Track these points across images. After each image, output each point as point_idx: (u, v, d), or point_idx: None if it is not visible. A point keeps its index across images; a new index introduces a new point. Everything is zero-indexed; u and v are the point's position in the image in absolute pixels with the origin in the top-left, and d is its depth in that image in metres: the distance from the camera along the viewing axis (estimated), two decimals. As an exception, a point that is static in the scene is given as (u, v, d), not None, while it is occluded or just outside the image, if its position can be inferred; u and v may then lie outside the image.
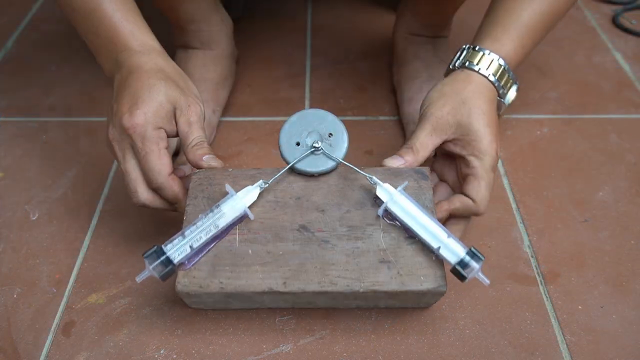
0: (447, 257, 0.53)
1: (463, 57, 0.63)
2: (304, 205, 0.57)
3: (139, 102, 0.57)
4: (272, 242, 0.55)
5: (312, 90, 0.91)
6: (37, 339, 0.59)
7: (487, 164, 0.58)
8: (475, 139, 0.59)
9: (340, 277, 0.53)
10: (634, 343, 0.58)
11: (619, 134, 0.82)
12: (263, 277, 0.53)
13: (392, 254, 0.54)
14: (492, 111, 0.60)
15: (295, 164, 0.58)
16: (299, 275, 0.53)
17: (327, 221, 0.56)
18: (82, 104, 0.89)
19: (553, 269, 0.65)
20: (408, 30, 0.86)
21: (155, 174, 0.56)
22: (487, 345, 0.58)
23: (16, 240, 0.69)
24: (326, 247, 0.55)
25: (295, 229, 0.56)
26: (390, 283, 0.53)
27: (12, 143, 0.82)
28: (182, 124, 0.59)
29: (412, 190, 0.58)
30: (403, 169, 0.59)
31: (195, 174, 0.59)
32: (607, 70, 0.94)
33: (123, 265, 0.66)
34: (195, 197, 0.58)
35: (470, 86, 0.61)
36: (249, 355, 0.57)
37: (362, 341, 0.58)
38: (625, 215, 0.71)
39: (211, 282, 0.53)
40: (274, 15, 1.08)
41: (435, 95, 0.61)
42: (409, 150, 0.59)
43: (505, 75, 0.62)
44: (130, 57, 0.60)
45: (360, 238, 0.55)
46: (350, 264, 0.54)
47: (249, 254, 0.54)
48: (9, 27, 1.05)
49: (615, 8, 1.08)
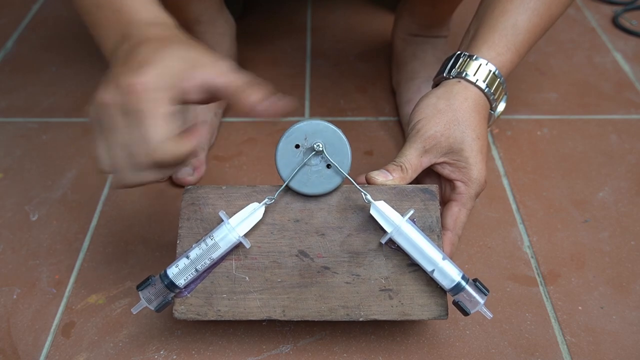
0: (441, 281, 0.51)
1: (459, 66, 0.60)
2: (303, 229, 0.54)
3: (150, 60, 0.46)
4: (270, 268, 0.53)
5: (312, 91, 0.91)
6: (37, 340, 0.59)
7: (472, 192, 0.58)
8: (466, 166, 0.57)
9: (340, 306, 0.53)
10: (634, 343, 0.58)
11: (619, 135, 0.82)
12: (261, 305, 0.53)
13: (394, 282, 0.53)
14: (484, 131, 0.59)
15: (293, 177, 0.53)
16: (298, 304, 0.53)
17: (327, 246, 0.54)
18: (82, 104, 0.89)
19: (553, 269, 0.65)
20: (407, 31, 0.86)
21: (150, 137, 0.45)
22: (487, 346, 0.58)
23: (16, 241, 0.68)
24: (326, 274, 0.53)
25: (294, 255, 0.54)
26: (390, 313, 0.52)
27: (12, 143, 0.82)
28: (213, 76, 0.47)
29: (419, 212, 0.55)
30: (410, 187, 0.55)
31: (186, 192, 0.55)
32: (607, 70, 0.94)
33: (123, 266, 0.66)
34: (188, 219, 0.54)
35: (466, 103, 0.58)
36: (248, 355, 0.57)
37: (362, 341, 0.58)
38: (625, 215, 0.71)
39: (208, 311, 0.53)
40: (273, 15, 1.08)
41: (429, 110, 0.58)
42: (398, 168, 0.57)
43: (499, 87, 0.60)
44: (140, 28, 0.49)
45: (362, 265, 0.54)
46: (351, 293, 0.53)
47: (246, 280, 0.53)
48: (9, 27, 1.05)
49: (615, 8, 1.08)
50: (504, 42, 0.59)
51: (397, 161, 0.57)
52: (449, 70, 0.61)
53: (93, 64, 0.96)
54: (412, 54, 0.85)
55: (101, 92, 0.46)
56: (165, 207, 0.72)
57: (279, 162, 0.53)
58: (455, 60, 0.61)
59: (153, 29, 0.49)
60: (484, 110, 0.60)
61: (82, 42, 1.01)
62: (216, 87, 0.48)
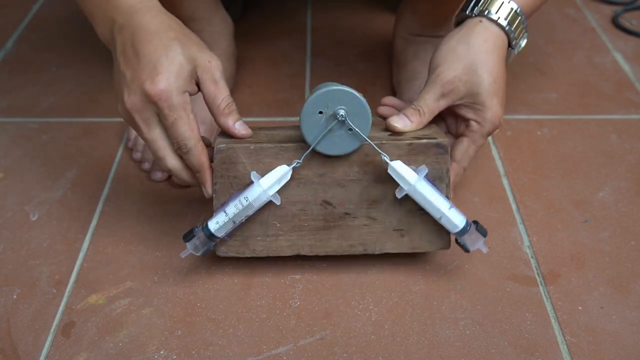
0: (447, 226, 0.58)
1: (482, 4, 0.62)
2: (326, 182, 0.60)
3: (158, 66, 0.54)
4: (298, 215, 0.60)
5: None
6: (37, 340, 0.59)
7: (485, 131, 0.62)
8: (481, 108, 0.61)
9: (358, 243, 0.61)
10: (634, 344, 0.58)
11: (619, 135, 0.82)
12: (290, 244, 0.61)
13: (405, 223, 0.61)
14: (502, 72, 0.61)
15: (319, 142, 0.56)
16: (322, 243, 0.61)
17: (348, 196, 0.60)
18: (82, 104, 0.89)
19: (553, 269, 0.65)
20: (408, 30, 0.86)
21: (185, 140, 0.56)
22: (487, 346, 0.58)
23: (16, 241, 0.68)
24: (346, 218, 0.61)
25: (319, 204, 0.60)
26: (401, 247, 0.62)
27: (12, 143, 0.82)
28: (207, 83, 0.56)
29: (431, 166, 0.59)
30: (424, 143, 0.59)
31: (217, 152, 0.58)
32: (607, 70, 0.94)
33: (123, 266, 0.66)
34: (222, 176, 0.59)
35: (485, 45, 0.60)
36: (248, 355, 0.57)
37: (362, 341, 0.58)
38: (625, 215, 0.71)
39: (246, 250, 0.61)
40: (274, 15, 1.08)
41: (448, 54, 0.61)
42: (416, 112, 0.60)
43: (520, 25, 0.62)
44: (130, 16, 0.56)
45: (378, 210, 0.61)
46: (368, 233, 0.61)
47: (277, 226, 0.60)
48: (9, 27, 1.05)
49: (615, 8, 1.08)
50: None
51: (415, 105, 0.61)
52: (471, 8, 0.63)
53: (93, 64, 0.96)
54: (414, 54, 0.85)
55: (128, 97, 0.55)
56: (165, 207, 0.72)
57: (303, 127, 0.56)
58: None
59: (143, 16, 0.55)
60: (503, 50, 0.62)
61: (82, 42, 1.01)
62: (206, 91, 0.57)
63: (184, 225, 0.70)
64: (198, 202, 0.73)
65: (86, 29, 1.05)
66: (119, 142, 0.82)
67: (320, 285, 0.64)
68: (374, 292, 0.63)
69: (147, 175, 0.76)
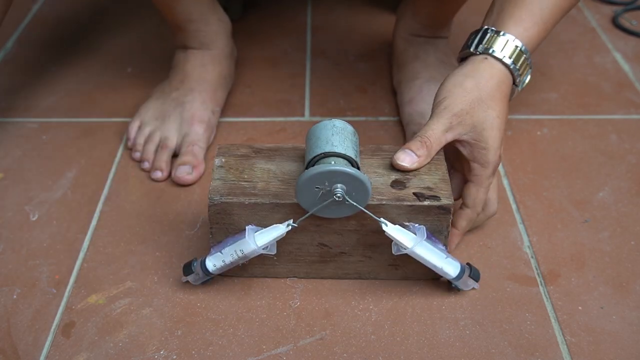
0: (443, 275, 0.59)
1: (486, 41, 0.61)
2: (322, 230, 0.60)
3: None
4: (294, 252, 0.62)
5: (312, 91, 0.91)
6: (37, 340, 0.59)
7: (489, 172, 0.60)
8: (484, 147, 0.59)
9: (354, 272, 0.63)
10: (634, 344, 0.58)
11: (619, 135, 0.82)
12: (287, 271, 0.63)
13: (400, 260, 0.61)
14: (505, 109, 0.61)
15: (315, 210, 0.56)
16: (318, 272, 0.63)
17: (345, 241, 0.61)
18: (82, 104, 0.89)
19: (553, 269, 0.65)
20: (408, 31, 0.86)
21: None
22: (487, 346, 0.58)
23: (16, 241, 0.68)
24: (343, 256, 0.62)
25: (315, 245, 0.61)
26: (395, 276, 0.63)
27: (12, 143, 0.82)
28: None
29: (432, 223, 0.58)
30: (426, 206, 0.57)
31: (212, 205, 0.58)
32: (607, 70, 0.94)
33: (123, 266, 0.66)
34: (217, 223, 0.60)
35: (491, 81, 0.60)
36: (248, 355, 0.57)
37: (362, 341, 0.58)
38: (625, 215, 0.71)
39: (244, 273, 0.63)
40: (274, 15, 1.08)
41: (456, 89, 0.60)
42: (423, 145, 0.59)
43: (525, 62, 0.61)
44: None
45: (375, 251, 0.61)
46: (364, 266, 0.63)
47: (274, 258, 0.62)
48: (9, 27, 1.05)
49: (615, 8, 1.08)
50: (531, 17, 0.60)
51: (421, 135, 0.59)
52: (475, 46, 0.62)
53: (93, 64, 0.96)
54: (414, 54, 0.85)
55: None
56: (165, 207, 0.72)
57: (299, 198, 0.56)
58: (482, 35, 0.62)
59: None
60: (507, 88, 0.62)
61: (82, 42, 1.01)
62: None
63: (183, 225, 0.70)
64: (198, 202, 0.73)
65: (86, 29, 1.05)
66: (119, 142, 0.82)
67: (320, 285, 0.64)
68: (374, 292, 0.63)
69: (147, 175, 0.77)
